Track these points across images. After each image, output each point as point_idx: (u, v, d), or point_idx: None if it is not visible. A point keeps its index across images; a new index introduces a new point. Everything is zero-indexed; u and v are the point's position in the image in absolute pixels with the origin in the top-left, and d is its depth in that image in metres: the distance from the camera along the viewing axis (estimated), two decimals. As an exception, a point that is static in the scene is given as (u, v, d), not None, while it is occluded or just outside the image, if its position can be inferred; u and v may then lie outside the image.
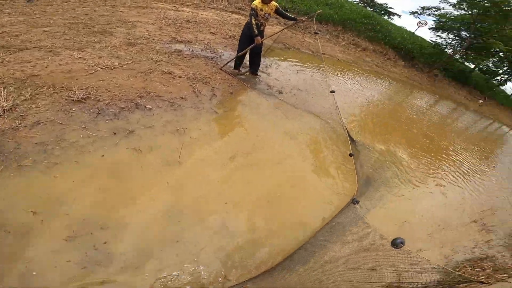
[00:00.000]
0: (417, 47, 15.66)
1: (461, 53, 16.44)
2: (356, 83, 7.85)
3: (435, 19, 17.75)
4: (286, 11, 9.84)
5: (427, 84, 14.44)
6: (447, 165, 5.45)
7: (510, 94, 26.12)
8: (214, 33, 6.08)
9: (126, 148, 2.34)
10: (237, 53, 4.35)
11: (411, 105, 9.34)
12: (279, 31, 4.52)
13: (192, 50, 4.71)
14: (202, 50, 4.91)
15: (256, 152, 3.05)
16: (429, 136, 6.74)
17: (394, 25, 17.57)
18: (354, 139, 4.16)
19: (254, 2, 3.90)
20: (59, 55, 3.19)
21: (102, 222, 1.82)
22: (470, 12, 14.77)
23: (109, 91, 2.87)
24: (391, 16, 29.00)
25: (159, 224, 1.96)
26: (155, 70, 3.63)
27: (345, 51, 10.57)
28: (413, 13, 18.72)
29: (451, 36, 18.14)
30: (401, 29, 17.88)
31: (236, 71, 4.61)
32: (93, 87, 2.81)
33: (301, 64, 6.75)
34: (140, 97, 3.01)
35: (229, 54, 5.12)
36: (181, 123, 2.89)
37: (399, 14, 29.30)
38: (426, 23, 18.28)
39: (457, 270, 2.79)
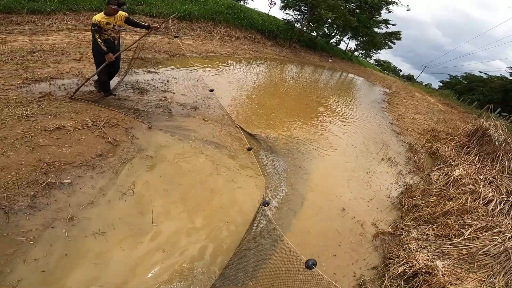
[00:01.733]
0: (275, 26, 18.18)
1: (305, 25, 20.27)
2: (244, 72, 8.63)
3: (280, -2, 20.73)
4: (154, 17, 9.23)
5: (292, 57, 17.30)
6: (341, 122, 7.05)
7: (344, 49, 34.78)
8: (79, 60, 5.08)
9: (85, 237, 1.97)
10: (98, 76, 3.77)
11: (289, 78, 11.14)
12: (134, 42, 4.12)
13: (66, 88, 3.86)
14: (78, 84, 4.12)
15: (213, 176, 3.12)
16: (317, 100, 8.43)
17: (251, 9, 19.40)
18: (253, 133, 4.37)
19: (95, 17, 3.40)
20: None
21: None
22: (303, -12, 17.79)
23: (-5, 181, 2.19)
24: (246, 1, 31.61)
25: None
26: (36, 130, 2.87)
27: (224, 44, 11.14)
28: (265, -5, 21.11)
29: (296, 12, 21.98)
30: (258, 12, 20.06)
31: (112, 95, 4.07)
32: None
33: (194, 69, 6.77)
34: (44, 173, 2.43)
35: (116, 79, 4.49)
36: (119, 185, 2.55)
37: (251, -3, 31.99)
38: (275, 3, 21.24)
39: (402, 205, 3.69)
